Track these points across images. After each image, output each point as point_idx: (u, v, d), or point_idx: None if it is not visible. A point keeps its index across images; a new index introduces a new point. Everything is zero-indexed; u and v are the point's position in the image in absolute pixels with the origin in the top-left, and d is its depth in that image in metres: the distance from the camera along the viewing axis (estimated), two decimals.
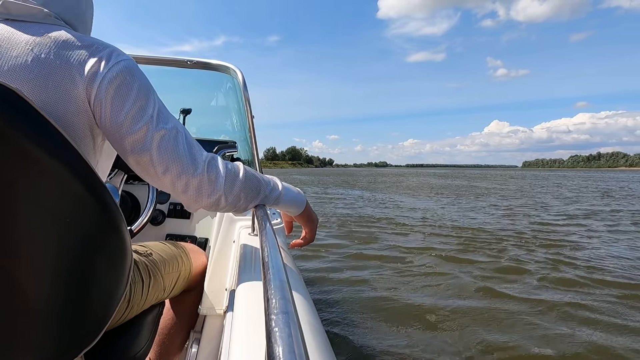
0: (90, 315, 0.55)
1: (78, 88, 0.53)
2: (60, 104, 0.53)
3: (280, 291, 0.35)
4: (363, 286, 3.17)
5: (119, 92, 0.55)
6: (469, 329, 2.40)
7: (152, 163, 0.58)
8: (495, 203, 10.34)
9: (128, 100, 0.56)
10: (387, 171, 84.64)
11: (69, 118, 0.54)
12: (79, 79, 0.53)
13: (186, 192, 0.61)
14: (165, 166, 0.58)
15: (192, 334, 0.99)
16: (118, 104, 0.55)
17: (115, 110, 0.55)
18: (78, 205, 0.50)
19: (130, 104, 0.56)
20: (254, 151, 1.31)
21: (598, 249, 4.69)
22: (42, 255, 0.47)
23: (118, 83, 0.55)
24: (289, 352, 0.25)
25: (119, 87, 0.55)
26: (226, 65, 1.41)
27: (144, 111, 0.57)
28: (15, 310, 0.47)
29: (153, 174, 0.60)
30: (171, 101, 2.42)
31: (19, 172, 0.43)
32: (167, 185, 0.61)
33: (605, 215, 8.02)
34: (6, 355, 0.48)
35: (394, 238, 5.25)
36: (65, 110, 0.53)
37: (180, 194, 0.62)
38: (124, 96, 0.55)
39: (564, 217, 7.55)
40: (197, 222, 1.56)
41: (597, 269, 3.74)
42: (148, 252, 0.83)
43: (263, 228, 0.59)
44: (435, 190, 16.29)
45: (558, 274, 3.56)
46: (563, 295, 3.02)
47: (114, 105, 0.55)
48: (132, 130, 0.56)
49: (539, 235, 5.52)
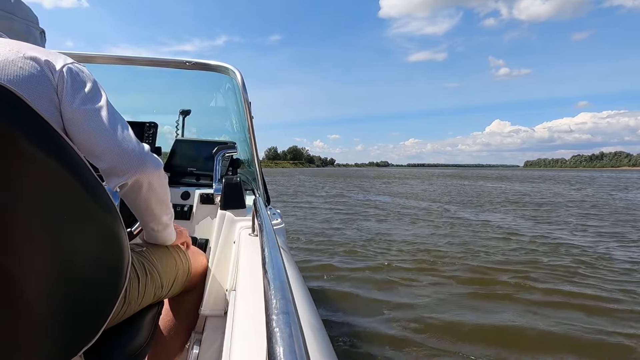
0: (89, 313, 0.55)
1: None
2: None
3: (281, 291, 0.35)
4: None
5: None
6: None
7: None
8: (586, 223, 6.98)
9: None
10: (393, 171, 72.49)
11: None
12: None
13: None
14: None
15: (194, 335, 0.99)
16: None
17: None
18: (76, 204, 0.50)
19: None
20: (253, 152, 1.31)
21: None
22: (42, 253, 0.48)
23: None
24: (290, 352, 0.25)
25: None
26: (225, 66, 1.41)
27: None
28: (15, 308, 0.47)
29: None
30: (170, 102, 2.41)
31: (18, 171, 0.44)
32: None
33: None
34: (6, 353, 0.48)
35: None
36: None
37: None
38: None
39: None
40: (197, 223, 1.56)
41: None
42: (143, 249, 0.84)
43: (263, 229, 0.59)
44: (494, 198, 12.57)
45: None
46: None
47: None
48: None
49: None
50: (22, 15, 0.69)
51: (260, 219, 0.64)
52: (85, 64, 0.65)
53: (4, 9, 0.65)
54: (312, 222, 6.89)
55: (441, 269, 3.84)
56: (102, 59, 1.36)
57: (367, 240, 5.25)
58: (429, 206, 9.69)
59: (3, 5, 0.65)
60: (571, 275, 3.67)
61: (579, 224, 6.89)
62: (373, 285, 3.37)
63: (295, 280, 0.73)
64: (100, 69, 1.38)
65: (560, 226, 6.60)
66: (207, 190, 1.58)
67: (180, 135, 2.16)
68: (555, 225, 6.67)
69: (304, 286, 0.74)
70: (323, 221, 6.98)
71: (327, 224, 6.68)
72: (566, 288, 3.30)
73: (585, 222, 7.06)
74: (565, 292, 3.21)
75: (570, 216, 7.94)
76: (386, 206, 9.67)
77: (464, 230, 6.07)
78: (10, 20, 0.66)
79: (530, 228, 6.35)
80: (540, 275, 3.63)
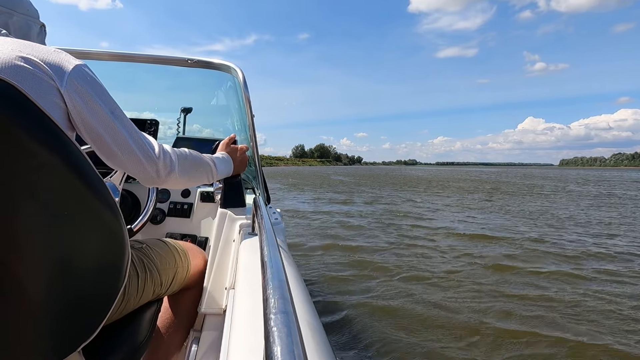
0: (88, 310, 0.55)
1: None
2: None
3: (280, 291, 0.35)
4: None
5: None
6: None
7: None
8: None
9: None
10: (429, 171, 58.54)
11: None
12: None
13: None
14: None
15: (192, 333, 0.99)
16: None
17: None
18: (77, 200, 0.50)
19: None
20: (254, 150, 1.31)
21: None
22: (42, 249, 0.48)
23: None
24: (288, 352, 0.25)
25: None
26: (227, 64, 1.41)
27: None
28: (14, 304, 0.47)
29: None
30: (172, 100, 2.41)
31: (19, 166, 0.44)
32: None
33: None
34: (4, 349, 0.48)
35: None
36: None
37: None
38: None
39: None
40: (197, 221, 1.56)
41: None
42: (143, 247, 0.84)
43: (263, 228, 0.59)
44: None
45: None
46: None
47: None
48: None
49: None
50: (22, 10, 0.68)
51: (260, 218, 0.65)
52: (86, 60, 0.65)
53: (4, 4, 0.65)
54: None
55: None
56: (103, 55, 1.37)
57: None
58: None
59: (3, 1, 0.65)
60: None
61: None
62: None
63: (294, 279, 0.73)
64: (101, 65, 1.38)
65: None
66: (208, 188, 1.59)
67: (182, 133, 2.16)
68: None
69: (303, 286, 0.74)
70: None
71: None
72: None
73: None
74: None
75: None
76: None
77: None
78: (10, 15, 0.66)
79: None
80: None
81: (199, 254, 1.02)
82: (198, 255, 1.01)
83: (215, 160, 0.94)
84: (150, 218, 1.32)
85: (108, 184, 0.95)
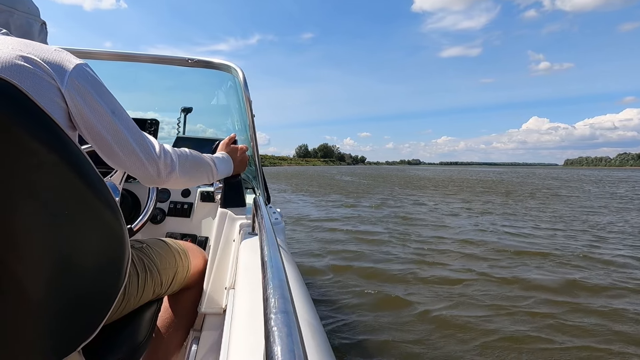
0: (87, 310, 0.55)
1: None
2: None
3: (280, 290, 0.35)
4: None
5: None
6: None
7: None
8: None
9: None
10: (429, 169, 52.07)
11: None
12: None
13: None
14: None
15: (192, 332, 0.99)
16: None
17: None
18: (77, 200, 0.50)
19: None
20: (254, 150, 1.31)
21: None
22: (41, 249, 0.48)
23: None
24: (288, 351, 0.25)
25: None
26: (227, 64, 1.41)
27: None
28: (14, 303, 0.47)
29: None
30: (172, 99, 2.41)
31: (19, 165, 0.44)
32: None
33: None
34: (4, 348, 0.48)
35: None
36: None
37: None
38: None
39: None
40: (197, 221, 1.56)
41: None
42: (143, 246, 0.85)
43: (263, 227, 0.59)
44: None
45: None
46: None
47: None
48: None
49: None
50: (22, 8, 0.68)
51: (260, 218, 0.64)
52: (87, 60, 0.65)
53: (5, 3, 0.64)
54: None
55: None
56: (104, 55, 1.37)
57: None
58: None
59: (4, 0, 0.65)
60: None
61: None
62: None
63: (295, 279, 0.73)
64: (102, 65, 1.38)
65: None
66: (208, 188, 1.59)
67: (182, 133, 2.16)
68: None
69: (303, 285, 0.74)
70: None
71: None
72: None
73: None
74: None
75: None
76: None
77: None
78: (11, 14, 0.66)
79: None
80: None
81: (199, 254, 1.02)
82: (198, 255, 1.01)
83: (215, 160, 0.94)
84: (151, 218, 1.32)
85: (108, 184, 0.95)
